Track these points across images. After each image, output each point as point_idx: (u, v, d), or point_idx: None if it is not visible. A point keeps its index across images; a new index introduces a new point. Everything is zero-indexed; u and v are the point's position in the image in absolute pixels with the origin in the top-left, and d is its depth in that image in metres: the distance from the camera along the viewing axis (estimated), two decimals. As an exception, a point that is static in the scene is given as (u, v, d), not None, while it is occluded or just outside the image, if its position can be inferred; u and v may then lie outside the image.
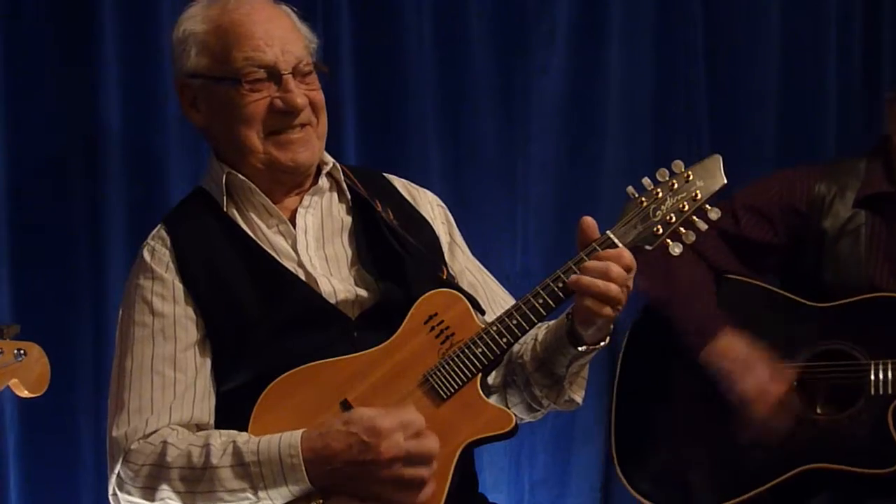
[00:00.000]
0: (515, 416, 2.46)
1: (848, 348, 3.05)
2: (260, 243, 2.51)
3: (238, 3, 2.51)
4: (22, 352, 2.21)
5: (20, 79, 3.14)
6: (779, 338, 3.10)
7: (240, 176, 2.53)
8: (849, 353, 3.05)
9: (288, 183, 2.56)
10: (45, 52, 3.16)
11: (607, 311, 2.34)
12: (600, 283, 2.32)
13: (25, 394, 2.23)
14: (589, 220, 2.40)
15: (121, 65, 3.18)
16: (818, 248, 3.13)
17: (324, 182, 2.60)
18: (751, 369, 3.04)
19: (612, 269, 2.33)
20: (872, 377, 2.99)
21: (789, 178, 3.18)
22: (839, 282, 3.09)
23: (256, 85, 2.48)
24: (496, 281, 2.73)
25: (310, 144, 2.53)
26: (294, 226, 2.54)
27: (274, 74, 2.48)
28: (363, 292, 2.51)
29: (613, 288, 2.32)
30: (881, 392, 2.98)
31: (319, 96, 2.55)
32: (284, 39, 2.50)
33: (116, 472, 2.40)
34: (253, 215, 2.54)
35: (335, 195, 2.62)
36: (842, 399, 3.05)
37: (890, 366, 2.98)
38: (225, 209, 2.53)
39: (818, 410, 3.08)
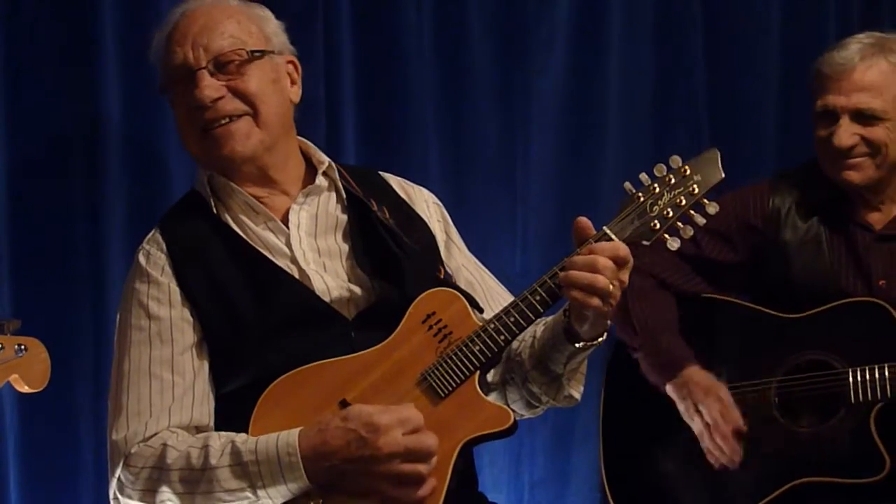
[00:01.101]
0: (515, 412, 2.46)
1: (825, 357, 3.04)
2: (251, 243, 2.51)
3: (179, 16, 2.55)
4: (23, 347, 2.21)
5: (20, 79, 3.14)
6: (755, 353, 3.12)
7: (221, 178, 2.54)
8: (826, 362, 3.04)
9: (249, 176, 2.54)
10: (45, 52, 3.16)
11: (595, 301, 2.31)
12: (587, 274, 2.31)
13: (26, 389, 2.23)
14: (583, 220, 2.39)
15: (121, 64, 3.18)
16: (783, 259, 3.13)
17: (321, 181, 2.60)
18: (710, 398, 3.04)
19: (598, 261, 2.31)
20: (851, 385, 2.98)
21: (743, 196, 3.18)
22: (809, 291, 3.09)
23: (179, 88, 2.50)
24: (494, 278, 2.73)
25: (238, 135, 2.49)
26: (287, 224, 2.54)
27: (189, 73, 2.49)
28: (357, 290, 2.50)
29: (601, 279, 2.30)
30: (861, 399, 2.97)
31: (247, 84, 2.50)
32: (199, 34, 2.50)
33: (117, 475, 2.40)
34: (241, 215, 2.54)
35: (333, 194, 2.62)
36: (824, 409, 3.04)
37: (868, 371, 2.97)
38: (215, 211, 2.54)
39: (802, 423, 3.07)
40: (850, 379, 2.98)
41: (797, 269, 3.12)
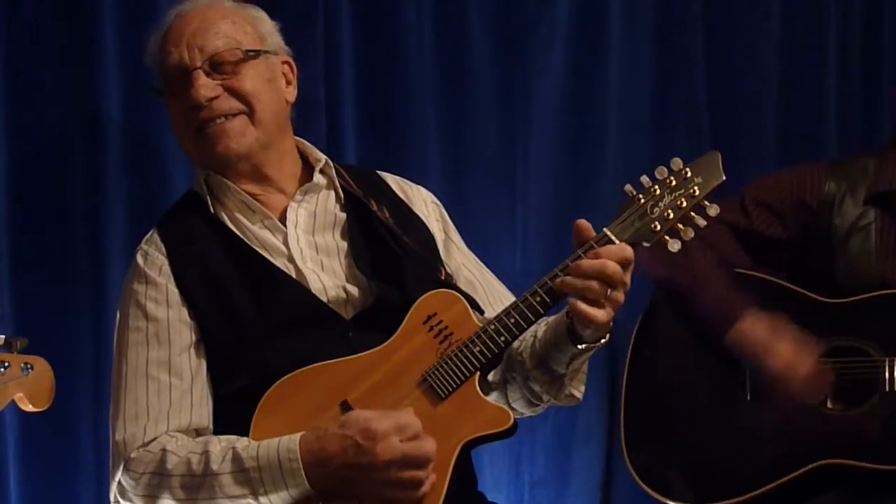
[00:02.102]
0: (516, 410, 2.46)
1: (861, 345, 3.04)
2: (248, 242, 2.52)
3: (174, 17, 2.56)
4: (29, 366, 2.19)
5: (20, 79, 3.14)
6: None
7: (217, 177, 2.55)
8: (862, 349, 3.04)
9: (243, 173, 2.55)
10: (45, 52, 3.16)
11: (600, 314, 2.32)
12: (594, 284, 2.31)
13: (30, 408, 2.21)
14: (583, 222, 2.40)
15: (121, 64, 3.18)
16: (828, 245, 3.13)
17: (319, 179, 2.60)
18: (778, 346, 3.03)
19: (608, 267, 2.31)
20: (887, 374, 2.99)
21: (800, 175, 3.18)
22: (850, 279, 3.09)
23: (174, 89, 2.52)
24: (494, 276, 2.74)
25: (233, 133, 2.51)
26: (285, 222, 2.54)
27: (184, 73, 2.50)
28: (355, 290, 2.51)
29: (596, 287, 2.31)
30: (895, 388, 2.98)
31: (242, 83, 2.52)
32: (194, 35, 2.52)
33: (117, 479, 2.41)
34: (237, 214, 2.55)
35: (331, 193, 2.62)
36: (853, 395, 3.04)
37: None
38: (212, 210, 2.54)
39: (829, 406, 3.07)
40: (887, 368, 2.99)
41: (842, 256, 3.11)
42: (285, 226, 2.54)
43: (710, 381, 3.13)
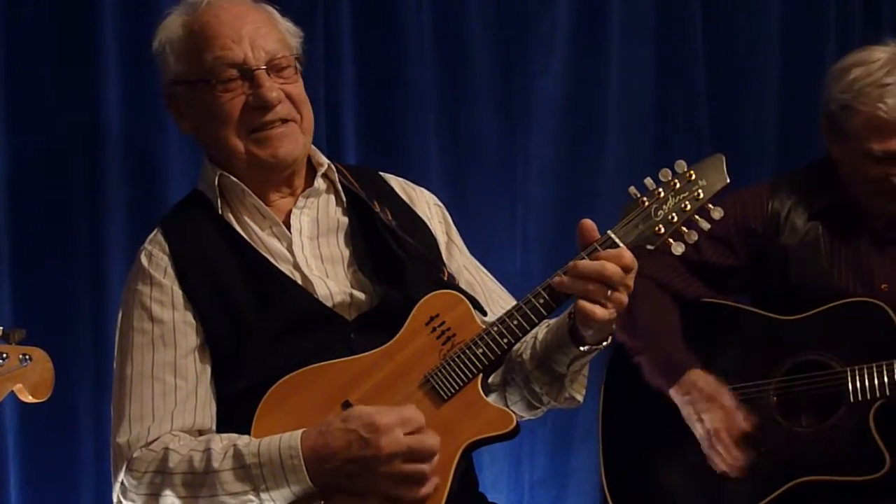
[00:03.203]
0: (515, 414, 2.46)
1: (823, 358, 3.05)
2: (255, 246, 2.51)
3: (208, 6, 2.51)
4: (27, 357, 2.19)
5: (20, 79, 3.13)
6: (754, 355, 3.13)
7: (232, 178, 2.52)
8: (824, 362, 3.05)
9: (275, 180, 2.55)
10: (45, 52, 3.16)
11: (599, 311, 2.32)
12: (595, 284, 2.31)
13: (30, 399, 2.21)
14: (588, 222, 2.39)
15: (121, 65, 3.18)
16: (782, 263, 3.14)
17: (320, 183, 2.59)
18: (713, 405, 3.05)
19: (606, 268, 2.31)
20: (850, 384, 3.00)
21: (741, 201, 3.18)
22: (807, 294, 3.10)
23: (229, 84, 2.48)
24: (493, 279, 2.73)
25: (292, 139, 2.51)
26: (289, 228, 2.54)
27: (245, 71, 2.47)
28: (360, 294, 2.50)
29: (597, 289, 2.31)
30: (860, 398, 2.99)
31: (298, 90, 2.53)
32: (255, 35, 2.49)
33: (120, 479, 2.40)
34: (247, 218, 2.54)
35: (332, 197, 2.61)
36: (824, 409, 3.05)
37: (866, 371, 2.98)
38: (220, 212, 2.53)
39: (802, 423, 3.08)
40: (849, 378, 3.00)
41: (795, 272, 3.13)
42: (290, 232, 2.54)
43: (679, 413, 3.13)
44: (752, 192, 3.20)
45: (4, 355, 2.16)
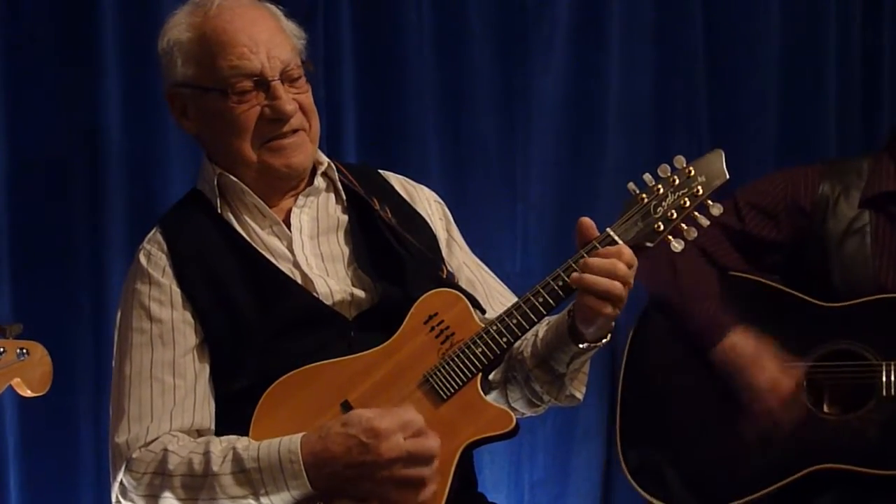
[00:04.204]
0: (516, 411, 2.46)
1: (858, 349, 3.04)
2: (255, 245, 2.50)
3: (220, 9, 2.48)
4: (24, 351, 2.20)
5: (20, 79, 3.13)
6: (787, 336, 3.10)
7: (231, 177, 2.52)
8: (859, 353, 3.04)
9: (282, 187, 2.55)
10: (45, 52, 3.16)
11: (609, 309, 2.33)
12: (604, 280, 2.31)
13: (28, 393, 2.22)
14: (587, 220, 2.39)
15: (121, 65, 3.18)
16: (823, 248, 3.13)
17: (319, 182, 2.59)
18: (761, 365, 3.04)
19: (618, 267, 2.31)
20: (884, 378, 2.99)
21: (794, 177, 3.18)
22: (846, 282, 3.09)
23: (245, 95, 2.45)
24: (494, 276, 2.73)
25: (303, 148, 2.51)
26: (289, 227, 2.54)
27: (261, 82, 2.45)
28: (360, 292, 2.50)
29: (617, 286, 2.32)
30: (893, 393, 2.98)
31: (309, 100, 2.53)
32: (270, 43, 2.46)
33: (119, 480, 2.40)
34: (246, 217, 2.53)
35: (332, 195, 2.61)
36: (849, 399, 3.05)
37: None
38: (219, 211, 2.53)
39: (825, 410, 3.07)
40: (884, 372, 2.99)
41: (837, 259, 3.11)
42: (290, 230, 2.54)
43: (706, 385, 3.12)
44: (806, 171, 3.18)
45: (2, 350, 2.16)
